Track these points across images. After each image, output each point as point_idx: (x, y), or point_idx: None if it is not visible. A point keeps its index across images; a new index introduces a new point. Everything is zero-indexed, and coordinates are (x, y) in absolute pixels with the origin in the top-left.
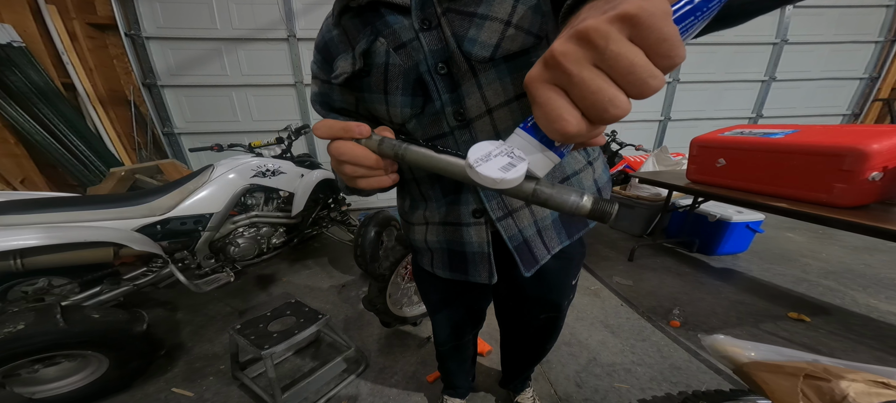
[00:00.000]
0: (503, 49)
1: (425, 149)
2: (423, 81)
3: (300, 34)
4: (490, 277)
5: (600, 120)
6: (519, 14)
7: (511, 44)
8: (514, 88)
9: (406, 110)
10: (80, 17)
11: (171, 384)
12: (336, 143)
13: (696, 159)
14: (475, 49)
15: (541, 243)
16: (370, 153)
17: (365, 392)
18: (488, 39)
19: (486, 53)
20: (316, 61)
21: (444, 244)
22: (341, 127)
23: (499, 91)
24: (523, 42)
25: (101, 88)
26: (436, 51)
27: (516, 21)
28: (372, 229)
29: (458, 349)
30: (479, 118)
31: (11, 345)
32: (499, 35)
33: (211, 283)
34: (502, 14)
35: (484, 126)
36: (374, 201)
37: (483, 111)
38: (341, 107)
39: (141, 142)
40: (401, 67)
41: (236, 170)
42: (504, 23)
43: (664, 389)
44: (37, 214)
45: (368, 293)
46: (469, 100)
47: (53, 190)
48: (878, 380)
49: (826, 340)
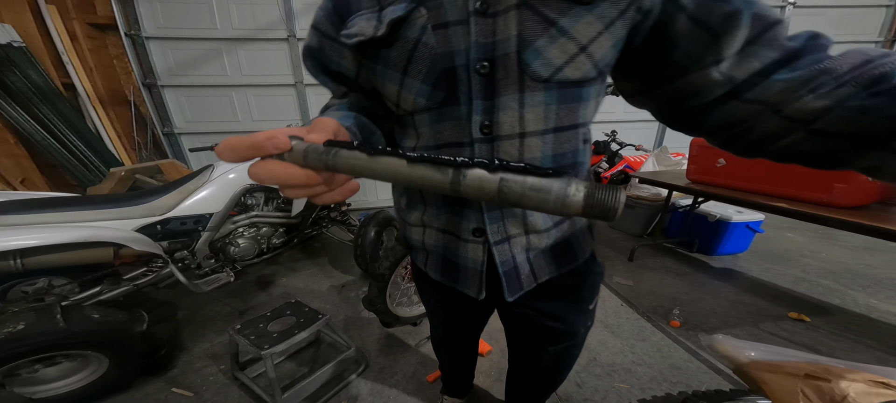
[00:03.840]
0: (563, 74)
1: (359, 152)
2: (452, 76)
3: (300, 34)
4: (478, 293)
5: None
6: (599, 42)
7: (573, 71)
8: (557, 118)
9: (421, 100)
10: (80, 17)
11: (171, 384)
12: (254, 164)
13: (696, 158)
14: (536, 64)
15: (529, 271)
16: (297, 170)
17: (365, 392)
18: (554, 59)
19: (546, 72)
20: (324, 9)
21: (440, 250)
22: (248, 145)
23: (539, 117)
24: (585, 73)
25: (101, 88)
26: (484, 45)
27: (592, 49)
28: (372, 229)
29: (456, 350)
30: (508, 139)
31: (11, 345)
32: (567, 58)
33: (211, 283)
34: (583, 37)
35: (510, 148)
36: (374, 201)
37: (515, 133)
38: (337, 71)
39: (141, 142)
40: (432, 50)
41: (236, 170)
42: (579, 47)
43: (664, 389)
44: (37, 214)
45: (368, 293)
46: (504, 115)
47: (53, 190)
48: (878, 380)
49: (826, 340)
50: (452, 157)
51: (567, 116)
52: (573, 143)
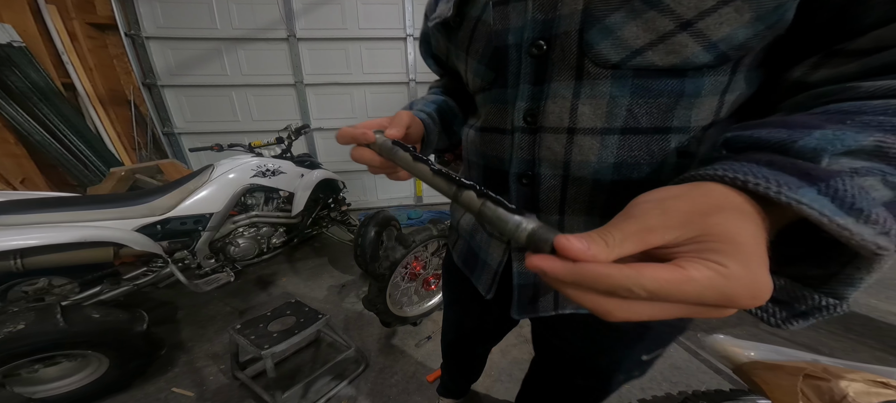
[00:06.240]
0: (643, 59)
1: (408, 155)
2: (504, 55)
3: (300, 34)
4: (487, 291)
5: None
6: (720, 14)
7: (664, 56)
8: (629, 116)
9: (477, 80)
10: (80, 17)
11: (171, 384)
12: (354, 149)
13: None
14: (603, 45)
15: (552, 296)
16: (376, 157)
17: (365, 392)
18: (632, 40)
19: (616, 56)
20: None
21: (468, 237)
22: (350, 136)
23: (601, 112)
24: (687, 58)
25: (101, 87)
26: (541, 23)
27: (704, 24)
28: (372, 229)
29: (462, 355)
30: (552, 132)
31: (11, 345)
32: (654, 37)
33: (211, 283)
34: (689, 9)
35: (554, 145)
36: (374, 201)
37: (562, 127)
38: (435, 54)
39: (141, 142)
40: (489, 28)
41: (236, 170)
42: (679, 23)
43: (664, 389)
44: (37, 214)
45: (368, 293)
46: (552, 103)
47: (53, 190)
48: (878, 380)
49: (826, 340)
50: (458, 177)
51: (650, 115)
52: (655, 153)
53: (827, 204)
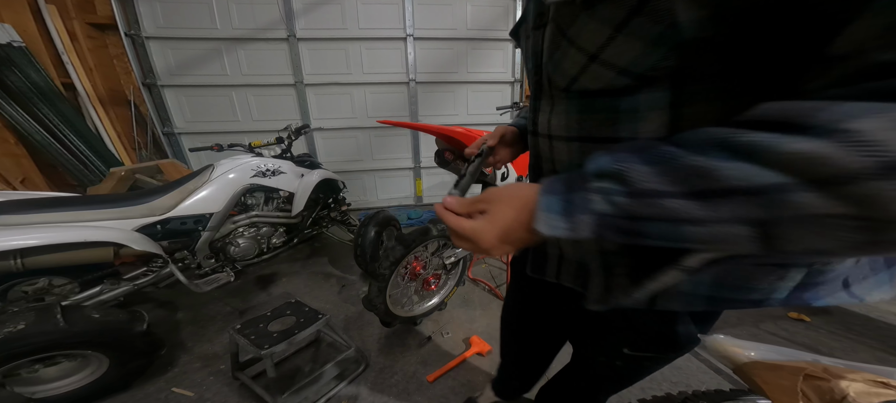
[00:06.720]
0: (579, 84)
1: (468, 165)
2: (531, 76)
3: (300, 34)
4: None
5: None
6: (614, 47)
7: (592, 81)
8: (579, 127)
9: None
10: (80, 17)
11: (171, 384)
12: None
13: None
14: (556, 74)
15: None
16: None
17: (365, 392)
18: (569, 70)
19: (563, 82)
20: None
21: None
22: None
23: (562, 124)
24: (609, 82)
25: (101, 87)
26: (532, 56)
27: (606, 55)
28: (372, 229)
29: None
30: (543, 137)
31: (11, 345)
32: (578, 68)
33: (211, 283)
34: (589, 44)
35: (544, 146)
36: (374, 201)
37: (546, 134)
38: None
39: (141, 142)
40: (525, 52)
41: (236, 170)
42: (588, 56)
43: (664, 389)
44: (37, 214)
45: (368, 293)
46: (541, 115)
47: (53, 190)
48: (878, 380)
49: (826, 340)
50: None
51: (599, 127)
52: None
53: (555, 204)
